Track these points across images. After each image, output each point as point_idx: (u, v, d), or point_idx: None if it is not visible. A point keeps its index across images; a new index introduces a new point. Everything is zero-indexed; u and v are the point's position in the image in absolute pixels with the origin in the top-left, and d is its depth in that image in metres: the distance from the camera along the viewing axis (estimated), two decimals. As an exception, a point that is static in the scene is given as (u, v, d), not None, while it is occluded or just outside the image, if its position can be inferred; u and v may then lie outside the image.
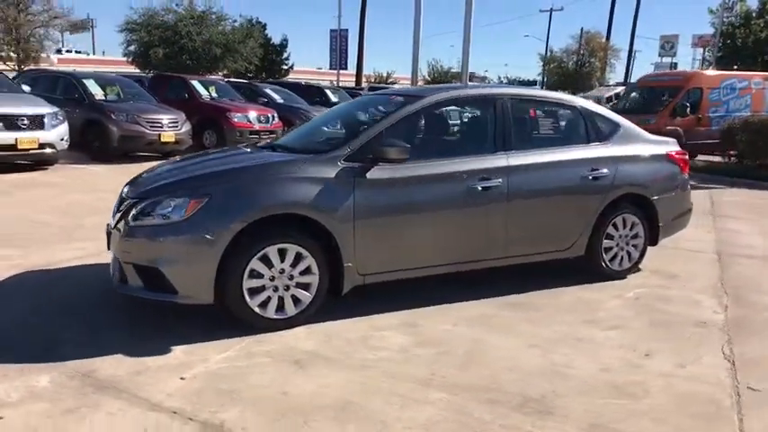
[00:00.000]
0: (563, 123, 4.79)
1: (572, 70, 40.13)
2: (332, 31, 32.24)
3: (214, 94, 13.04)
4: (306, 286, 3.46)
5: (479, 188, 3.88)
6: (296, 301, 3.45)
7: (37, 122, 8.47)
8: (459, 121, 5.27)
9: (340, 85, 27.18)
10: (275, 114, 13.13)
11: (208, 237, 3.17)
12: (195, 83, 13.13)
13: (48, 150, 8.62)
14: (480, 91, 4.47)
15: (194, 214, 3.20)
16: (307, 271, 3.44)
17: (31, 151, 8.42)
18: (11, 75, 12.11)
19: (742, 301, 4.26)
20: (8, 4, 20.74)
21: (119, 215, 3.48)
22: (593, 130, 4.54)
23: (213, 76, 21.66)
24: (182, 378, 2.82)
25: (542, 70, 41.41)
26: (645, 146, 4.74)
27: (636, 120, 5.23)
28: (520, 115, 4.30)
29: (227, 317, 3.36)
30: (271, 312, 3.38)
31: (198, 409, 2.54)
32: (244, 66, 25.88)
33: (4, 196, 6.97)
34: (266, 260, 3.32)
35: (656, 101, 12.43)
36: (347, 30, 32.20)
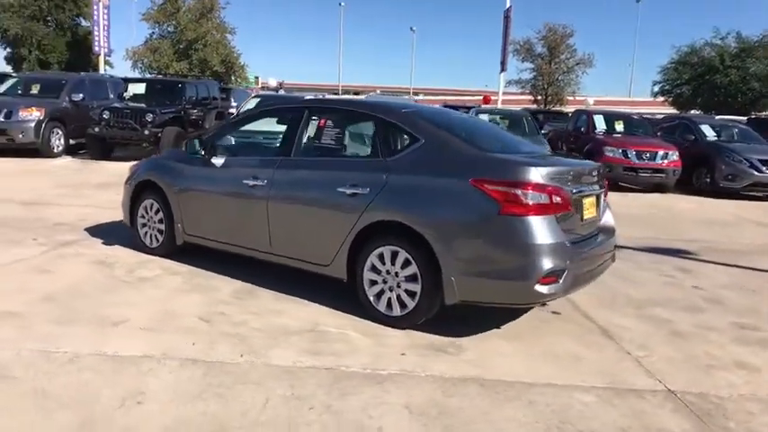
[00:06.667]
0: (354, 135, 4.16)
1: None
2: None
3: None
4: (161, 231, 5.26)
5: (249, 185, 4.44)
6: (156, 239, 5.31)
7: None
8: (270, 129, 5.04)
9: None
10: (669, 152, 12.18)
11: (128, 185, 5.54)
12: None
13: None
14: (288, 104, 4.65)
15: (133, 173, 5.63)
16: (162, 221, 5.24)
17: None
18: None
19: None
20: (542, 57, 25.11)
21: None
22: (383, 143, 3.87)
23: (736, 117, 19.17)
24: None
25: None
26: (440, 167, 3.53)
27: None
28: (308, 125, 4.28)
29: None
30: (147, 241, 5.39)
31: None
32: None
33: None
34: (147, 207, 5.36)
35: None
36: None
